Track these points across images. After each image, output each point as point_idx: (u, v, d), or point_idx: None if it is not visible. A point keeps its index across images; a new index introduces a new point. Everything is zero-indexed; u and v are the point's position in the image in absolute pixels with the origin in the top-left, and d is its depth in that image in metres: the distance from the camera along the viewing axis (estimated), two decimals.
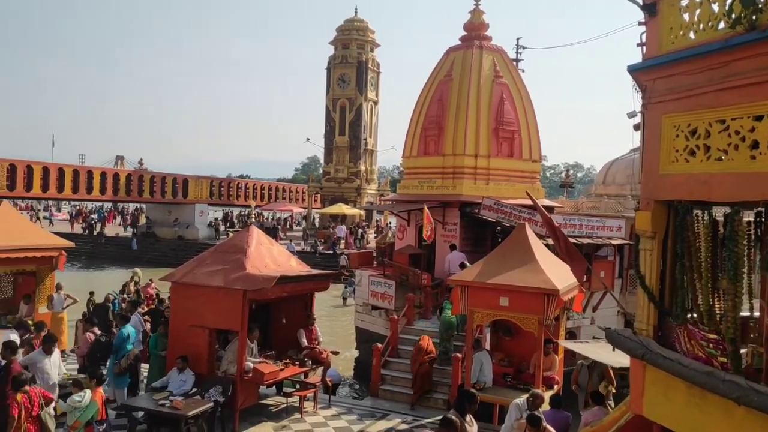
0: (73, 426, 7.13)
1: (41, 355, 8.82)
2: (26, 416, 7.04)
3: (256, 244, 10.59)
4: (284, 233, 43.21)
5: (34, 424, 7.16)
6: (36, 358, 8.76)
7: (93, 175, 38.45)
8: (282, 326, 11.66)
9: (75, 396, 7.18)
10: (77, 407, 7.16)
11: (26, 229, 13.64)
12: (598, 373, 9.62)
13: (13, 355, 8.31)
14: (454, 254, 16.18)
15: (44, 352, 8.84)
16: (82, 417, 7.08)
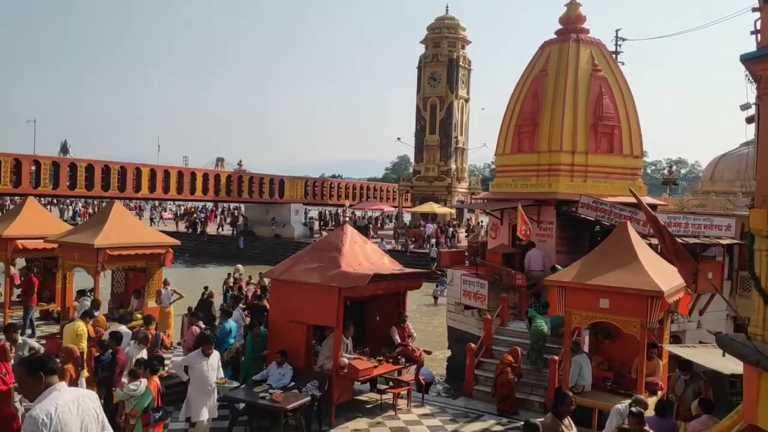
0: (131, 414, 7.52)
1: (199, 356, 8.52)
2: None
3: (350, 243, 10.76)
4: (375, 232, 43.70)
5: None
6: (193, 360, 8.56)
7: (196, 176, 40.40)
8: (376, 324, 11.78)
9: (131, 385, 7.57)
10: (133, 395, 7.51)
11: (137, 229, 14.52)
12: (694, 389, 9.04)
13: (119, 345, 9.04)
14: (534, 252, 15.88)
15: (203, 354, 8.52)
16: (138, 405, 7.44)
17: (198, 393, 8.46)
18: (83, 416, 3.76)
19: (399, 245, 37.28)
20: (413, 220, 45.51)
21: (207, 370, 8.45)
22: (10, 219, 15.41)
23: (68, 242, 13.37)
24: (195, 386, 8.48)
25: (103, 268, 13.02)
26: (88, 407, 3.82)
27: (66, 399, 3.73)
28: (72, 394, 3.81)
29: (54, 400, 3.69)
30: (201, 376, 8.43)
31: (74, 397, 3.79)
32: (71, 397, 3.77)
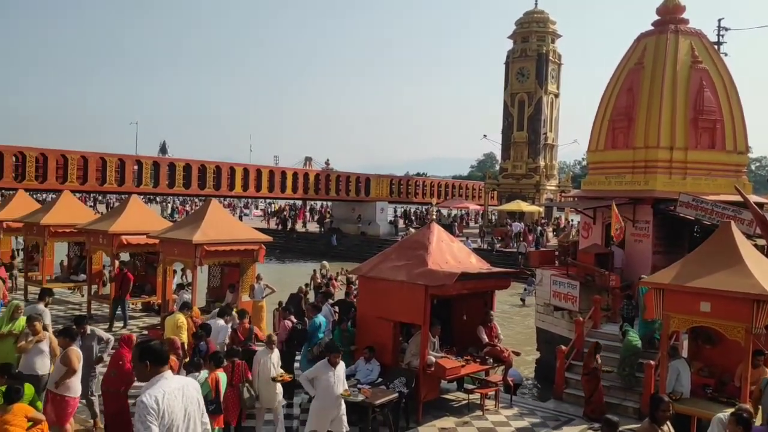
0: None
1: (326, 367, 7.98)
2: (227, 382, 8.10)
3: (437, 241, 10.74)
4: (460, 230, 43.40)
5: (233, 393, 8.19)
6: (320, 371, 8.00)
7: (286, 175, 41.55)
8: (463, 323, 11.69)
9: (190, 375, 7.80)
10: None
11: (232, 226, 15.06)
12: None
13: (208, 336, 9.47)
14: (615, 249, 15.36)
15: (329, 365, 7.99)
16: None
17: (324, 406, 7.94)
18: (187, 404, 3.96)
19: (485, 244, 36.88)
20: (499, 219, 44.90)
21: (334, 382, 7.92)
22: (115, 216, 16.35)
23: (168, 238, 14.05)
24: (321, 400, 7.93)
25: (200, 263, 13.59)
26: (191, 395, 4.01)
27: (172, 387, 3.94)
28: (178, 382, 4.02)
29: (161, 387, 3.93)
30: (327, 388, 7.89)
31: (180, 385, 3.99)
32: (177, 385, 3.98)
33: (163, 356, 4.06)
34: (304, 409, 10.25)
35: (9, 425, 5.80)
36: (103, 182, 32.50)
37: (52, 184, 30.73)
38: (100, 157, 32.43)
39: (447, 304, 11.72)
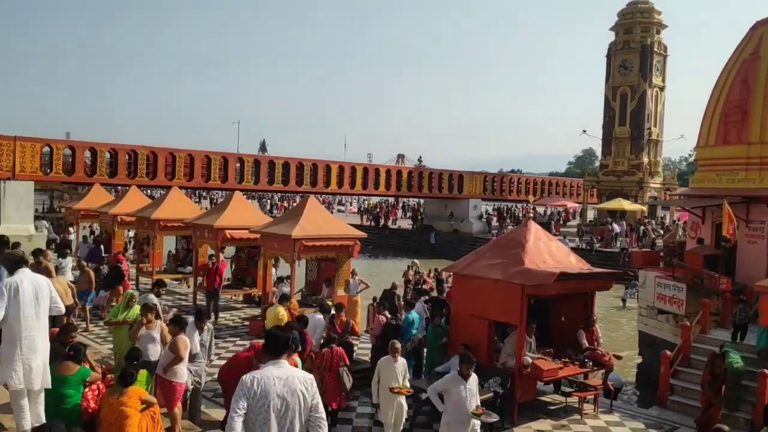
0: None
1: (456, 380, 7.32)
2: (326, 366, 8.69)
3: (534, 239, 10.50)
4: (557, 229, 42.25)
5: (332, 377, 8.73)
6: (450, 384, 7.35)
7: (379, 172, 41.98)
8: (561, 324, 11.39)
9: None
10: None
11: (329, 222, 15.39)
12: None
13: (305, 328, 9.59)
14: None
15: (460, 377, 7.32)
16: None
17: (455, 422, 7.24)
18: (286, 393, 4.06)
19: (583, 243, 35.72)
20: (599, 217, 43.33)
21: (466, 396, 7.23)
22: (220, 211, 17.11)
23: (269, 233, 14.55)
24: (451, 415, 7.26)
25: (298, 258, 14.00)
26: (295, 388, 4.09)
27: (274, 373, 4.10)
28: (284, 371, 4.14)
29: (263, 371, 4.13)
30: (459, 403, 7.21)
31: (285, 375, 4.11)
32: (281, 373, 4.11)
33: (276, 346, 4.23)
34: None
35: (125, 407, 6.19)
36: (207, 179, 34.09)
37: (162, 180, 32.55)
38: (205, 156, 34.03)
39: (544, 305, 11.45)
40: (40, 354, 5.61)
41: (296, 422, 4.11)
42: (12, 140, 28.01)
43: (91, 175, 30.38)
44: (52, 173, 30.06)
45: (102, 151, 31.06)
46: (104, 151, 31.16)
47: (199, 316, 8.83)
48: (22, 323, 5.48)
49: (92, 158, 31.03)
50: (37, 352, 5.56)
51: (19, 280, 5.61)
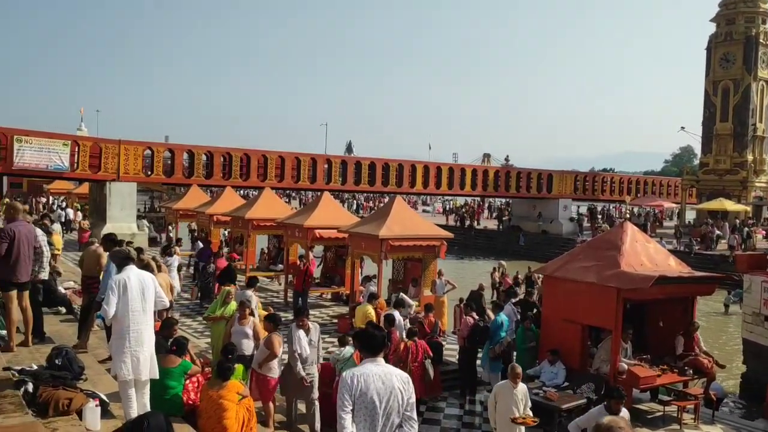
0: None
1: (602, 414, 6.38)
2: (411, 359, 9.04)
3: (630, 241, 10.10)
4: (653, 231, 40.46)
5: (418, 368, 9.06)
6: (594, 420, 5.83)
7: (465, 172, 41.63)
8: (659, 330, 10.90)
9: (336, 350, 8.36)
10: (338, 360, 8.47)
11: (415, 222, 15.41)
12: None
13: (392, 327, 9.67)
14: None
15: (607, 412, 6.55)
16: (342, 369, 7.86)
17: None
18: (384, 391, 4.10)
19: (681, 246, 34.04)
20: (698, 218, 41.18)
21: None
22: (309, 211, 17.51)
23: (357, 233, 14.75)
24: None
25: (385, 257, 14.10)
26: (393, 385, 4.13)
27: (373, 371, 4.16)
28: (383, 369, 4.19)
29: (363, 368, 4.20)
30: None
31: (383, 372, 4.16)
32: (379, 371, 4.16)
33: (373, 344, 4.28)
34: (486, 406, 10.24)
35: (224, 399, 6.45)
36: (297, 180, 34.96)
37: (254, 181, 33.66)
38: (295, 157, 34.91)
39: (641, 309, 11.00)
40: (147, 346, 5.91)
41: (395, 419, 4.15)
42: (117, 144, 29.79)
43: (188, 177, 31.85)
44: (153, 175, 31.73)
45: (199, 154, 32.48)
46: (201, 153, 32.57)
47: (299, 313, 8.67)
48: (129, 317, 5.80)
49: (190, 160, 32.52)
50: (144, 344, 5.87)
51: (127, 276, 5.93)
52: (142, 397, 5.98)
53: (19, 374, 6.16)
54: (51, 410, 5.63)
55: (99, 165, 29.22)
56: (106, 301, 5.78)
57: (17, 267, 7.29)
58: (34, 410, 5.61)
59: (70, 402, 5.73)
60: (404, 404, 4.18)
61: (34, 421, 5.18)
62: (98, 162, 29.21)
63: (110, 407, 6.10)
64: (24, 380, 6.01)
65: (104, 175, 29.24)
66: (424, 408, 9.92)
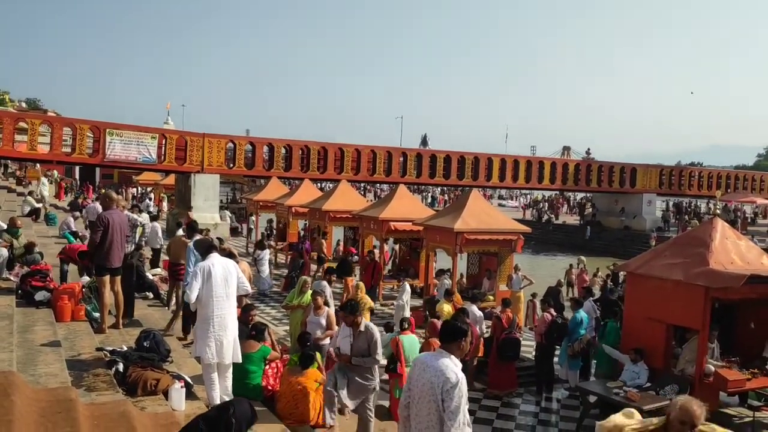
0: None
1: None
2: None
3: (720, 238, 9.60)
4: (744, 228, 38.35)
5: None
6: None
7: (543, 165, 40.69)
8: (750, 331, 10.32)
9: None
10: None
11: (491, 215, 15.21)
12: None
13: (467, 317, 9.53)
14: None
15: None
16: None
17: None
18: (423, 382, 4.11)
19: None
20: None
21: None
22: (385, 203, 17.61)
23: (432, 225, 14.72)
24: None
25: (460, 251, 14.01)
26: (428, 379, 4.09)
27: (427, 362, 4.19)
28: (434, 359, 4.18)
29: (421, 358, 4.34)
30: None
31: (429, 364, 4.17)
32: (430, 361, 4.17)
33: (449, 334, 4.27)
34: (563, 405, 10.03)
35: (303, 386, 6.62)
36: (373, 173, 35.20)
37: (331, 174, 34.14)
38: (371, 150, 35.16)
39: (731, 309, 10.46)
40: (231, 331, 6.12)
41: (429, 414, 4.09)
42: (201, 137, 30.89)
43: (268, 169, 32.66)
44: (235, 167, 32.73)
45: (279, 147, 33.24)
46: (280, 146, 33.33)
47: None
48: (214, 302, 6.02)
49: (270, 153, 33.33)
50: (228, 329, 6.08)
51: (211, 263, 6.16)
52: (224, 380, 6.19)
53: (111, 355, 6.51)
54: (140, 390, 5.92)
55: (184, 157, 30.41)
56: (189, 287, 6.03)
57: (110, 253, 7.70)
58: (124, 389, 5.91)
59: (158, 383, 6.01)
60: (439, 401, 4.04)
61: (124, 400, 5.45)
62: (183, 154, 30.39)
63: (194, 389, 6.35)
64: (115, 360, 6.34)
65: (189, 167, 30.41)
66: (499, 404, 9.82)
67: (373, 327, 6.89)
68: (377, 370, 6.86)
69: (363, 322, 6.81)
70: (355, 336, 6.71)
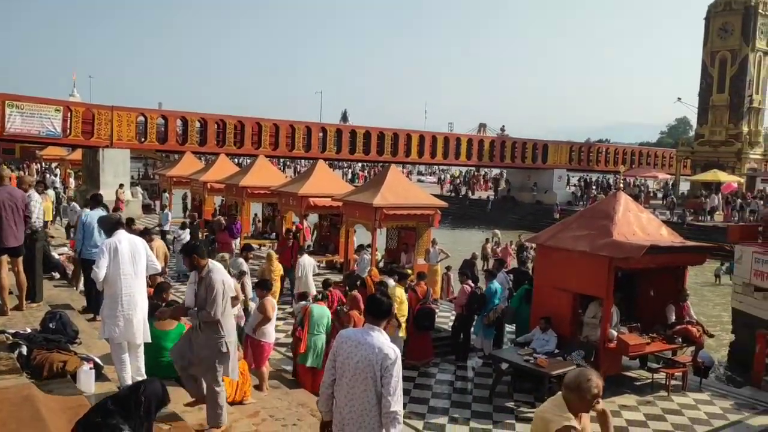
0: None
1: None
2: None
3: (623, 211, 10.12)
4: (647, 201, 40.61)
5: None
6: None
7: (460, 141, 41.52)
8: (649, 299, 11.00)
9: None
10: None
11: (410, 191, 15.40)
12: None
13: None
14: None
15: None
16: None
17: None
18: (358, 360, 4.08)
19: (675, 216, 34.22)
20: (692, 190, 41.34)
21: None
22: (304, 179, 17.47)
23: (351, 201, 14.75)
24: None
25: (379, 226, 14.14)
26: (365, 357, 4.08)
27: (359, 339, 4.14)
28: (365, 335, 4.18)
29: (349, 334, 4.28)
30: None
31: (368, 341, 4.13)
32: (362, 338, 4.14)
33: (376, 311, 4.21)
34: (478, 372, 10.39)
35: None
36: (292, 148, 34.82)
37: (248, 149, 33.50)
38: (289, 125, 34.71)
39: (632, 278, 11.10)
40: (140, 309, 5.94)
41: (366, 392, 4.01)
42: (109, 110, 29.52)
43: (182, 144, 31.67)
44: (146, 141, 31.53)
45: (192, 121, 32.24)
46: (195, 120, 32.33)
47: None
48: (122, 281, 5.82)
49: (183, 127, 32.30)
50: (137, 307, 5.89)
51: (118, 240, 5.93)
52: (136, 360, 6.02)
53: (13, 337, 6.20)
54: (45, 372, 5.67)
55: (92, 131, 29.00)
56: (96, 264, 5.79)
57: (1, 232, 7.26)
58: (29, 373, 5.65)
59: (65, 364, 5.78)
60: (378, 378, 3.99)
61: (29, 383, 5.22)
62: (91, 128, 28.97)
63: (104, 371, 6.15)
64: (18, 343, 6.05)
65: (97, 141, 29.03)
66: (416, 374, 10.05)
67: (218, 273, 5.44)
68: (227, 329, 5.50)
69: (209, 265, 5.48)
70: (198, 282, 5.49)
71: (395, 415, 3.93)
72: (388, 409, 3.92)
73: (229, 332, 5.52)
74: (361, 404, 3.98)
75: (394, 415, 3.93)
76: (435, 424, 8.22)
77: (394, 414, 3.92)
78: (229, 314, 5.64)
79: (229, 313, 5.60)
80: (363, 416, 3.99)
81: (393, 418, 3.92)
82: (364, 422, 3.99)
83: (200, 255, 5.55)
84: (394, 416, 3.93)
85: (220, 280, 5.44)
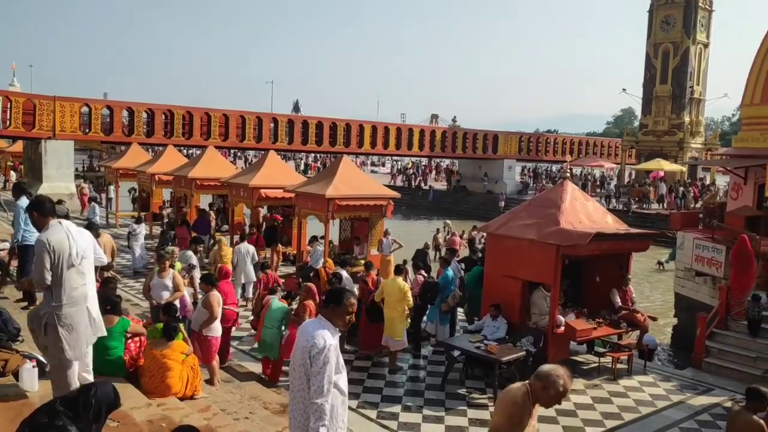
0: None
1: None
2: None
3: (570, 200, 10.37)
4: (594, 190, 41.62)
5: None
6: None
7: (413, 132, 41.70)
8: (595, 285, 11.31)
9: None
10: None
11: (362, 181, 15.40)
12: None
13: (339, 283, 9.75)
14: None
15: None
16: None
17: None
18: (297, 348, 4.12)
19: (620, 205, 35.19)
20: (637, 178, 42.55)
21: None
22: (255, 170, 17.24)
23: (303, 192, 14.66)
24: None
25: (332, 217, 14.09)
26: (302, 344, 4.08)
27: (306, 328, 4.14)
28: (311, 325, 4.15)
29: (303, 324, 4.25)
30: None
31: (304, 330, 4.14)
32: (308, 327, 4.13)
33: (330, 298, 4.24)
34: (430, 360, 10.49)
35: (168, 359, 6.42)
36: (242, 139, 34.34)
37: (197, 140, 32.91)
38: (239, 115, 34.21)
39: (578, 265, 11.38)
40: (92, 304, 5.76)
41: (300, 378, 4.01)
42: (52, 100, 28.53)
43: (128, 135, 30.87)
44: (91, 133, 30.62)
45: (139, 111, 31.45)
46: (141, 111, 31.55)
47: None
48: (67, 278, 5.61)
49: (130, 118, 31.48)
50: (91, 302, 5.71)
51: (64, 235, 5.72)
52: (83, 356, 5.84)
53: None
54: None
55: (33, 122, 28.00)
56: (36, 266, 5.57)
57: None
58: None
59: (6, 363, 5.60)
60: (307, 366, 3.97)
61: None
62: (32, 119, 27.97)
63: (48, 368, 5.97)
64: None
65: (39, 132, 28.05)
66: (369, 364, 10.09)
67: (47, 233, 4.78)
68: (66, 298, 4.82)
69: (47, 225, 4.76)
70: None
71: (315, 407, 3.86)
72: (310, 399, 3.90)
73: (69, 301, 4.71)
74: (298, 391, 4.00)
75: (315, 406, 3.87)
76: (388, 413, 8.28)
77: (315, 405, 3.87)
78: (69, 279, 4.79)
79: (68, 278, 4.77)
80: (298, 403, 4.01)
81: (314, 409, 3.87)
82: (297, 408, 4.01)
83: (42, 213, 4.67)
84: (315, 407, 3.86)
85: (44, 239, 4.57)
